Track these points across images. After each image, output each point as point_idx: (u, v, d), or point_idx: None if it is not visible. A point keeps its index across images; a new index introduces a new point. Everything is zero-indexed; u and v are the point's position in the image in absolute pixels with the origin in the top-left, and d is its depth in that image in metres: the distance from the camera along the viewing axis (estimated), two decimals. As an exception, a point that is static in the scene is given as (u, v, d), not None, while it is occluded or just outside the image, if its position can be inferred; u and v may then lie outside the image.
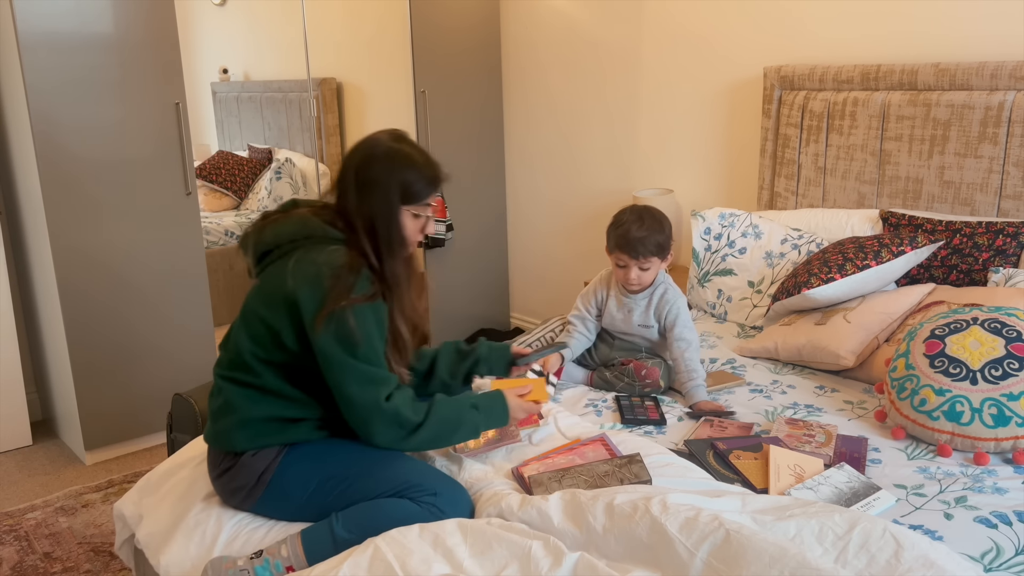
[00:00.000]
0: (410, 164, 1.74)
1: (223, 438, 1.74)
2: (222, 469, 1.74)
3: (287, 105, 4.75)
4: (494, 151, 4.33)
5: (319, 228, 1.73)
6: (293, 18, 4.15)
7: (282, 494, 1.70)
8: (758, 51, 3.24)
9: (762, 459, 1.85)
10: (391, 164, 1.72)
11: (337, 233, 1.73)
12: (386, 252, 1.72)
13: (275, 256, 1.75)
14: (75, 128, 2.96)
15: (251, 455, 1.71)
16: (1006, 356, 1.91)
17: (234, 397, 1.74)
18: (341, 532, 1.60)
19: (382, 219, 1.71)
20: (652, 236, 2.27)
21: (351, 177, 1.74)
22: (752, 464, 1.84)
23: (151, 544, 1.77)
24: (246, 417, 1.72)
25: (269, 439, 1.72)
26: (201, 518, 1.75)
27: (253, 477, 1.70)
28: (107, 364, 3.15)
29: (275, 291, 1.69)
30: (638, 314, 2.39)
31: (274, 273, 1.72)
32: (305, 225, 1.74)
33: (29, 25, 2.81)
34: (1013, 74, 2.53)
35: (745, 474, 1.80)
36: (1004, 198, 2.60)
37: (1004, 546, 1.55)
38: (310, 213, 1.77)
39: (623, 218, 2.33)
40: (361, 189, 1.72)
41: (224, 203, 4.89)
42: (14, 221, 3.31)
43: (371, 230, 1.72)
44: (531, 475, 1.75)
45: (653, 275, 2.35)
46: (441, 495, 1.66)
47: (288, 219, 1.76)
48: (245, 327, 1.74)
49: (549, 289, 4.30)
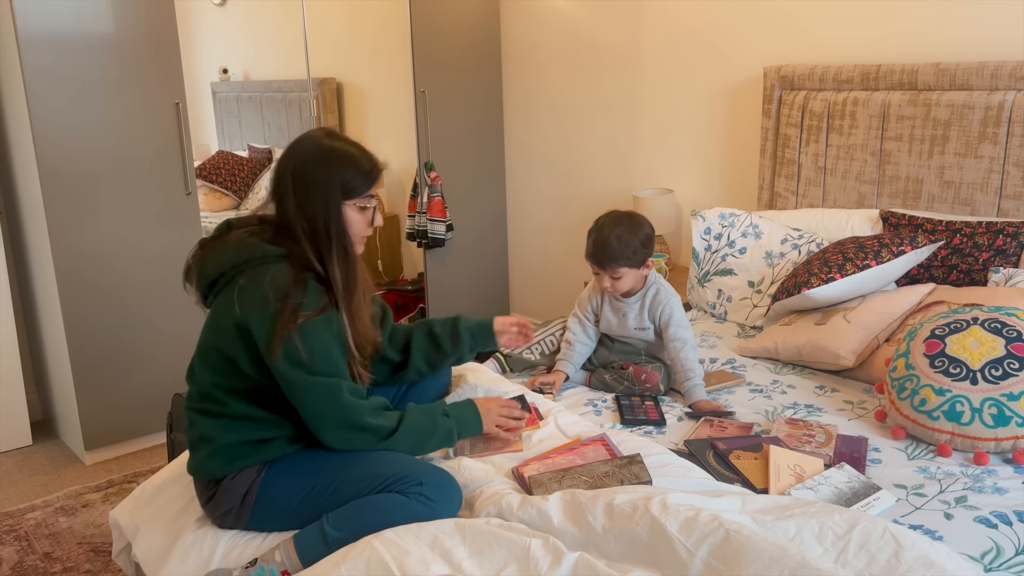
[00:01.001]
0: (346, 158, 1.70)
1: (202, 468, 1.73)
2: (207, 496, 1.74)
3: (287, 105, 4.75)
4: (494, 151, 4.33)
5: (258, 249, 1.68)
6: (293, 18, 4.15)
7: (270, 510, 1.70)
8: (758, 51, 3.24)
9: (762, 459, 1.85)
10: (327, 162, 1.68)
11: (277, 250, 1.68)
12: (334, 254, 1.69)
13: (221, 285, 1.71)
14: (75, 128, 2.96)
15: (231, 479, 1.70)
16: (1006, 356, 1.91)
17: (207, 428, 1.73)
18: (332, 532, 1.60)
19: (324, 219, 1.67)
20: (621, 248, 2.26)
21: (287, 182, 1.69)
22: (752, 464, 1.84)
23: (148, 560, 1.78)
24: (220, 445, 1.71)
25: (245, 461, 1.71)
26: (198, 535, 1.75)
27: (237, 499, 1.70)
28: (107, 364, 3.15)
29: (225, 320, 1.66)
30: (632, 317, 2.38)
31: (222, 303, 1.69)
32: (243, 248, 1.69)
33: (29, 25, 2.81)
34: (1013, 74, 2.53)
35: (745, 474, 1.80)
36: (1004, 198, 2.60)
37: (1004, 546, 1.55)
38: (246, 235, 1.72)
39: (596, 225, 2.33)
40: (299, 192, 1.67)
41: (224, 203, 4.89)
42: (14, 221, 3.31)
43: (314, 233, 1.68)
44: (531, 475, 1.75)
45: (628, 283, 2.33)
46: (427, 483, 1.65)
47: (226, 245, 1.72)
48: (204, 360, 1.73)
49: (549, 289, 4.30)
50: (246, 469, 1.71)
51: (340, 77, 4.70)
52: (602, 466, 1.75)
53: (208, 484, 1.74)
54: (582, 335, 2.45)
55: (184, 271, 1.78)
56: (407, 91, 4.03)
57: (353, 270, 1.73)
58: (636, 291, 2.37)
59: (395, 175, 4.62)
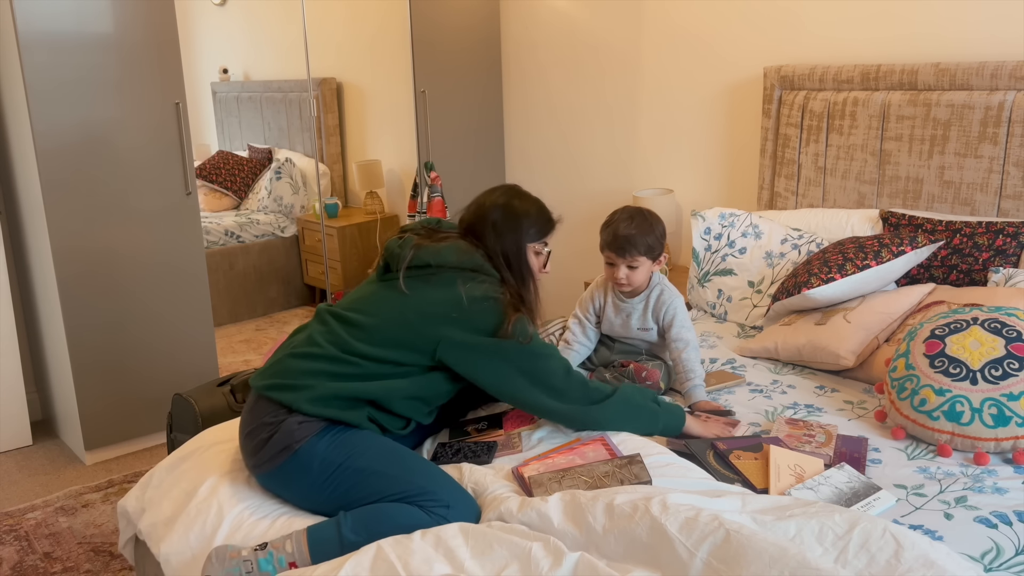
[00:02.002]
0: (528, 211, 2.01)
1: (288, 393, 1.77)
2: (262, 422, 1.76)
3: (287, 105, 4.75)
4: (494, 151, 4.33)
5: (482, 263, 1.90)
6: (293, 18, 4.15)
7: (304, 467, 1.71)
8: (758, 51, 3.25)
9: (762, 459, 1.85)
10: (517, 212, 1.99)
11: (493, 271, 1.91)
12: (520, 283, 1.97)
13: (427, 274, 1.87)
14: (75, 128, 2.96)
15: (298, 421, 1.73)
16: (1006, 356, 1.91)
17: (318, 373, 1.78)
18: (349, 534, 1.60)
19: (514, 255, 1.96)
20: (641, 236, 2.27)
21: (488, 224, 1.96)
22: (752, 464, 1.84)
23: (152, 534, 1.78)
24: (323, 393, 1.76)
25: (327, 409, 1.76)
26: (203, 508, 1.75)
27: (287, 440, 1.72)
28: (107, 364, 3.15)
29: (433, 307, 1.83)
30: (636, 318, 2.38)
31: (435, 292, 1.84)
32: (468, 255, 1.90)
33: (29, 25, 2.81)
34: (1013, 74, 2.53)
35: (745, 474, 1.80)
36: (1004, 198, 2.60)
37: (1004, 546, 1.55)
38: (467, 244, 1.94)
39: (614, 217, 2.34)
40: (497, 234, 1.95)
41: (224, 203, 4.89)
42: (14, 221, 3.31)
43: (507, 265, 1.95)
44: (531, 475, 1.75)
45: (643, 275, 2.33)
46: (454, 509, 1.66)
47: (448, 245, 1.91)
48: (369, 324, 1.83)
49: (549, 289, 4.28)
50: (316, 420, 1.74)
51: (340, 77, 4.70)
52: (602, 466, 1.76)
53: (275, 409, 1.76)
54: (581, 336, 2.45)
55: (396, 244, 1.94)
56: (407, 91, 4.03)
57: (536, 297, 2.02)
58: (641, 291, 2.37)
59: (395, 175, 4.62)
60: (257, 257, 4.70)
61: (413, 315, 1.82)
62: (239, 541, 1.67)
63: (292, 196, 4.79)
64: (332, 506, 1.70)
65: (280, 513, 1.75)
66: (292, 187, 4.79)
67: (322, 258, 4.63)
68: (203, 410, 2.44)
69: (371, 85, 4.58)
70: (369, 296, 1.90)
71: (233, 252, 4.59)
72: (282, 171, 4.80)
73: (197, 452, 1.96)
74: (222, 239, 4.57)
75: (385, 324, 1.83)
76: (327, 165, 4.77)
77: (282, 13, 4.52)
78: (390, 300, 1.86)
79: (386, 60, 4.34)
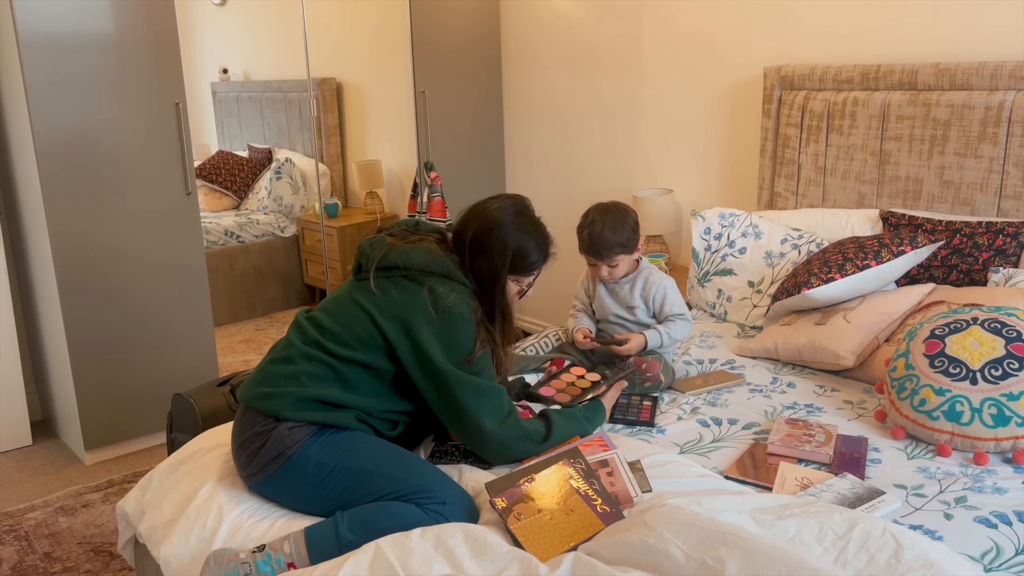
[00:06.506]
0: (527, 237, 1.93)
1: (271, 404, 1.76)
2: (253, 433, 1.75)
3: (287, 105, 4.75)
4: (494, 151, 4.33)
5: (452, 270, 1.86)
6: (293, 18, 4.15)
7: (299, 472, 1.71)
8: (758, 51, 3.24)
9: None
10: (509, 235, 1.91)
11: (465, 279, 1.87)
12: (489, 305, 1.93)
13: (395, 275, 1.85)
14: (75, 128, 2.96)
15: (288, 428, 1.73)
16: (1006, 356, 1.91)
17: (302, 375, 1.78)
18: (346, 534, 1.60)
19: (488, 284, 1.91)
20: (613, 236, 2.40)
21: (467, 239, 1.91)
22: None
23: (152, 537, 1.78)
24: (302, 396, 1.75)
25: (313, 415, 1.75)
26: (202, 510, 1.75)
27: (280, 447, 1.71)
28: (107, 364, 3.15)
29: (401, 310, 1.79)
30: (625, 293, 2.52)
31: (401, 296, 1.81)
32: (437, 259, 1.86)
33: (29, 25, 2.81)
34: (1013, 74, 2.53)
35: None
36: (1004, 198, 2.60)
37: (1004, 546, 1.55)
38: (441, 249, 1.90)
39: (586, 220, 2.45)
40: (474, 251, 1.90)
41: (224, 203, 4.89)
42: (14, 221, 3.31)
43: (479, 287, 1.91)
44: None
45: (624, 268, 2.47)
46: (450, 505, 1.66)
47: (419, 248, 1.88)
48: (340, 324, 1.81)
49: (549, 289, 4.30)
50: (305, 425, 1.74)
51: (340, 77, 4.70)
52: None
53: (261, 419, 1.76)
54: (585, 309, 2.64)
55: (367, 244, 1.92)
56: (407, 91, 4.03)
57: (509, 316, 1.97)
58: (629, 274, 2.52)
59: (395, 175, 4.62)
60: (257, 257, 4.70)
61: (379, 316, 1.80)
62: (238, 543, 1.67)
63: (292, 196, 4.79)
64: (329, 508, 1.70)
65: (279, 515, 1.75)
66: (292, 187, 4.79)
67: (322, 258, 4.63)
68: (203, 410, 2.44)
69: (371, 85, 4.58)
70: (341, 296, 1.89)
71: (233, 252, 4.59)
72: (282, 171, 4.80)
73: (196, 455, 1.96)
74: (222, 239, 4.57)
75: (352, 324, 1.81)
76: (327, 165, 4.77)
77: (282, 13, 4.52)
78: (359, 301, 1.84)
79: (386, 60, 4.34)
